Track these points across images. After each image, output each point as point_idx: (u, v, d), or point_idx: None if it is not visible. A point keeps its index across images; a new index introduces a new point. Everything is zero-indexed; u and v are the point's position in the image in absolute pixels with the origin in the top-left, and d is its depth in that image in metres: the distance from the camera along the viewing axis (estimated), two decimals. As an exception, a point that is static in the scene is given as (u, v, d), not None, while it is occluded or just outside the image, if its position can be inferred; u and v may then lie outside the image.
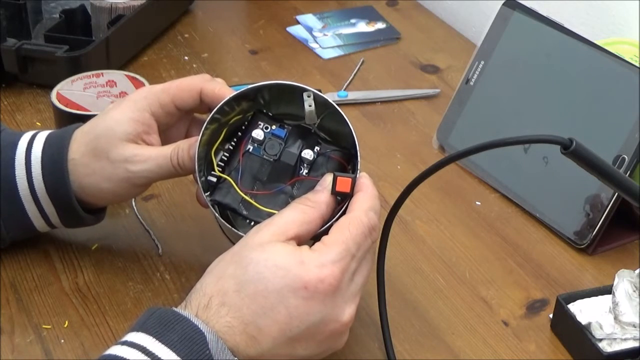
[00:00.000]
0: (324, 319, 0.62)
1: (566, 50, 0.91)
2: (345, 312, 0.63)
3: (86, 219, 0.78)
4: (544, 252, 0.85)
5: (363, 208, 0.65)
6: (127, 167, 0.74)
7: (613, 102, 0.87)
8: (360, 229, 0.64)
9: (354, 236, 0.64)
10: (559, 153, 0.62)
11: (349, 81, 1.12)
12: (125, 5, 1.13)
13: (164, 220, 0.87)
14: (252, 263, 0.62)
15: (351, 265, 0.63)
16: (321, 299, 0.61)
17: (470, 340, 0.75)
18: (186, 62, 1.15)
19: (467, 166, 0.95)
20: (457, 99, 0.99)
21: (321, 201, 0.66)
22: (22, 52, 1.05)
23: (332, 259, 0.62)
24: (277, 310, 0.61)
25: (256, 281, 0.61)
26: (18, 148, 0.77)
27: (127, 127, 0.75)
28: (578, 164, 0.63)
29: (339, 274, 0.62)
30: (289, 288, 0.61)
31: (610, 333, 0.71)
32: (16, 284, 0.79)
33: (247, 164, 0.72)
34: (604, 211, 0.83)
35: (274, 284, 0.61)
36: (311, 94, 0.71)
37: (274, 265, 0.61)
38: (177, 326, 0.59)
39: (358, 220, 0.65)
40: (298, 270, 0.61)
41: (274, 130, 0.72)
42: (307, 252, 0.63)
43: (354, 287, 0.64)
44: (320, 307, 0.62)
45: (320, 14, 1.27)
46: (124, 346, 0.59)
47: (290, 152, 0.72)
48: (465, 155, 0.67)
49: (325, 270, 0.62)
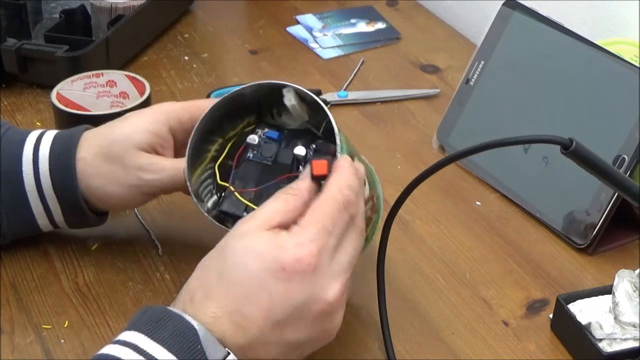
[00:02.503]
0: (307, 299, 0.61)
1: (566, 50, 0.91)
2: (329, 290, 0.62)
3: (90, 217, 0.79)
4: (544, 252, 0.85)
5: (336, 185, 0.65)
6: (140, 175, 0.76)
7: (613, 102, 0.87)
8: (334, 205, 0.64)
9: (328, 213, 0.63)
10: (559, 153, 0.62)
11: (349, 81, 1.12)
12: (125, 5, 1.13)
13: (164, 220, 0.87)
14: (232, 252, 0.62)
15: (329, 242, 0.62)
16: (301, 279, 0.61)
17: (470, 340, 0.75)
18: (186, 62, 1.15)
19: (467, 166, 0.95)
20: (457, 99, 0.99)
21: (302, 188, 0.65)
22: (22, 52, 1.05)
23: (309, 238, 0.61)
24: (259, 296, 0.60)
25: (236, 269, 0.61)
26: (26, 145, 0.78)
27: (145, 137, 0.76)
28: (578, 164, 0.63)
29: (317, 252, 0.61)
30: (268, 272, 0.60)
31: (610, 333, 0.72)
32: (16, 284, 0.79)
33: (247, 171, 0.72)
34: (604, 211, 0.83)
35: (253, 270, 0.61)
36: (290, 89, 0.71)
37: (252, 252, 0.61)
38: (168, 323, 0.59)
39: (330, 197, 0.64)
40: (275, 253, 0.61)
41: (267, 133, 0.72)
42: (284, 234, 0.62)
43: (337, 265, 0.63)
44: (302, 288, 0.61)
45: (320, 14, 1.27)
46: (116, 345, 0.59)
47: (286, 152, 0.72)
48: (465, 155, 0.67)
49: (302, 249, 0.61)
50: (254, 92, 0.72)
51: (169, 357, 0.58)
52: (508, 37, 0.96)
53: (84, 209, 0.77)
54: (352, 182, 0.66)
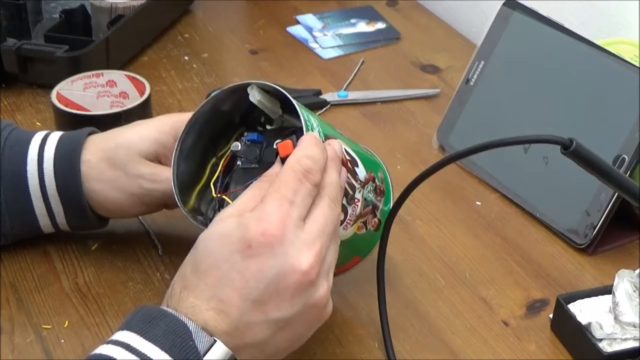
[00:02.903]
0: (279, 271, 0.60)
1: (566, 50, 0.91)
2: (302, 259, 0.61)
3: (92, 220, 0.79)
4: (544, 252, 0.85)
5: (295, 157, 0.64)
6: (141, 184, 0.76)
7: (613, 102, 0.87)
8: (291, 174, 0.63)
9: (285, 183, 0.62)
10: (559, 153, 0.62)
11: (349, 81, 1.12)
12: (125, 5, 1.13)
13: (164, 220, 0.87)
14: (201, 241, 0.63)
15: (292, 212, 0.62)
16: (269, 253, 0.60)
17: (470, 340, 0.75)
18: (186, 62, 1.15)
19: (467, 166, 0.95)
20: (457, 99, 0.99)
21: (273, 173, 0.65)
22: (22, 52, 1.05)
23: (269, 210, 0.61)
24: (232, 277, 0.60)
25: (206, 256, 0.62)
26: (31, 146, 0.78)
27: (150, 145, 0.77)
28: (578, 164, 0.63)
29: (279, 222, 0.61)
30: (236, 252, 0.60)
31: (610, 333, 0.72)
32: (16, 284, 0.79)
33: (239, 178, 0.72)
34: (604, 211, 0.83)
35: (221, 253, 0.61)
36: (253, 86, 0.71)
37: (218, 236, 0.62)
38: (160, 322, 0.60)
39: (288, 168, 0.63)
40: (239, 232, 0.61)
41: (247, 137, 0.72)
42: (247, 214, 0.62)
43: (307, 234, 0.62)
44: (272, 261, 0.60)
45: (320, 14, 1.27)
46: (109, 345, 0.59)
47: (269, 151, 0.71)
48: (465, 155, 0.67)
49: (264, 222, 0.61)
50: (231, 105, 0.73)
51: (162, 356, 0.58)
52: (508, 37, 0.96)
53: (86, 210, 0.78)
54: (312, 152, 0.64)
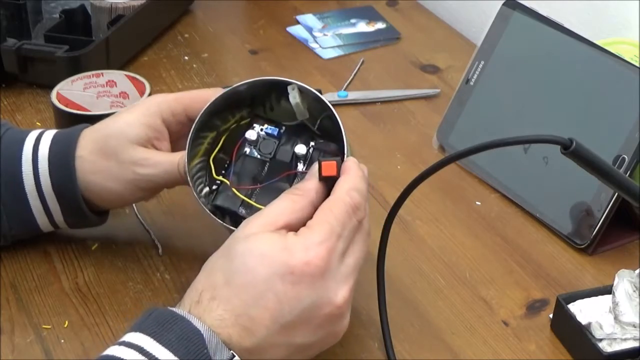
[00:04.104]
0: (315, 302, 0.61)
1: (566, 50, 0.91)
2: (338, 293, 0.62)
3: (90, 217, 0.79)
4: (544, 252, 0.85)
5: (345, 188, 0.65)
6: (135, 170, 0.75)
7: (613, 102, 0.87)
8: (343, 208, 0.63)
9: (336, 215, 0.63)
10: (559, 153, 0.62)
11: (349, 81, 1.12)
12: (125, 5, 1.13)
13: (164, 220, 0.87)
14: (239, 254, 0.62)
15: (338, 246, 0.62)
16: (310, 282, 0.61)
17: (470, 340, 0.75)
18: (186, 62, 1.15)
19: (467, 166, 0.95)
20: (457, 99, 0.99)
21: (309, 188, 0.65)
22: (22, 52, 1.05)
23: (317, 241, 0.61)
24: (267, 298, 0.60)
25: (243, 272, 0.61)
26: (25, 145, 0.78)
27: (139, 130, 0.76)
28: (578, 164, 0.63)
29: (326, 255, 0.61)
30: (276, 275, 0.60)
31: (610, 333, 0.72)
32: (16, 284, 0.79)
33: (244, 166, 0.72)
34: (604, 211, 0.83)
35: (260, 273, 0.61)
36: (295, 87, 0.71)
37: (260, 254, 0.61)
38: (174, 326, 0.59)
39: (340, 200, 0.64)
40: (283, 256, 0.61)
41: (266, 129, 0.72)
42: (292, 237, 0.62)
43: (345, 268, 0.63)
44: (310, 291, 0.61)
45: (320, 14, 1.27)
46: (121, 346, 0.59)
47: (285, 150, 0.72)
48: (465, 155, 0.67)
49: (311, 252, 0.61)
50: (250, 88, 0.72)
51: None
52: (508, 37, 0.96)
53: (83, 208, 0.77)
54: (360, 186, 0.66)
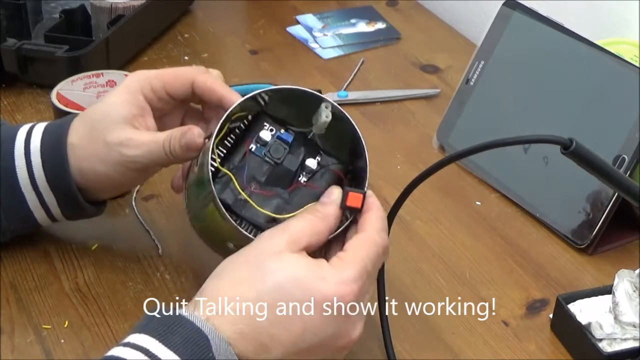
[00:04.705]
0: (336, 334, 0.63)
1: (566, 50, 0.91)
2: (357, 328, 0.64)
3: (86, 208, 0.78)
4: (544, 252, 0.85)
5: (376, 228, 0.66)
6: (121, 151, 0.74)
7: (613, 102, 0.87)
8: (375, 248, 0.65)
9: (370, 255, 0.65)
10: (559, 153, 0.62)
11: (349, 81, 1.12)
12: (125, 5, 1.13)
13: (164, 220, 0.87)
14: (271, 273, 0.62)
15: (366, 284, 0.64)
16: (337, 315, 0.62)
17: (470, 340, 0.75)
18: (186, 62, 1.15)
19: (467, 166, 0.95)
20: (457, 99, 0.99)
21: (330, 214, 0.67)
22: (22, 52, 1.05)
23: (352, 277, 0.63)
24: (293, 322, 0.61)
25: (275, 291, 0.62)
26: (17, 139, 0.77)
27: (122, 109, 0.75)
28: (578, 164, 0.63)
29: (358, 293, 0.63)
30: (309, 301, 0.62)
31: (610, 333, 0.72)
32: (16, 284, 0.79)
33: (246, 163, 0.72)
34: (604, 211, 0.83)
35: (293, 296, 0.62)
36: (329, 106, 0.71)
37: (295, 278, 0.62)
38: (180, 329, 0.59)
39: (373, 240, 0.66)
40: (319, 285, 0.62)
41: (281, 134, 0.72)
42: (328, 267, 0.63)
43: (365, 305, 0.65)
44: (335, 323, 0.62)
45: (320, 14, 1.27)
46: (126, 347, 0.59)
47: (293, 158, 0.72)
48: (465, 155, 0.67)
49: (347, 288, 0.62)
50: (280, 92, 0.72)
51: None
52: (508, 37, 0.96)
53: (78, 198, 0.77)
54: (386, 225, 0.68)
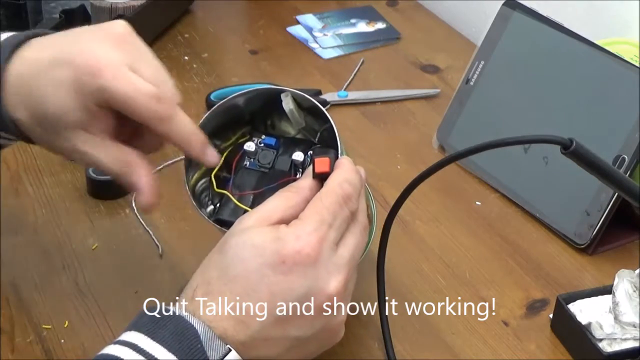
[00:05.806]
0: (307, 292, 0.61)
1: (566, 50, 0.91)
2: (330, 283, 0.62)
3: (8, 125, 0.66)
4: (544, 252, 0.85)
5: (337, 180, 0.65)
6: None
7: (613, 102, 0.87)
8: (333, 198, 0.64)
9: (327, 206, 0.63)
10: (559, 153, 0.62)
11: (349, 81, 1.12)
12: (125, 5, 1.13)
13: (164, 220, 0.87)
14: (232, 247, 0.62)
15: (329, 235, 0.62)
16: (301, 272, 0.61)
17: (470, 340, 0.75)
18: (186, 62, 1.15)
19: (467, 166, 0.95)
20: (457, 99, 0.99)
21: (303, 186, 0.66)
22: (22, 52, 1.05)
23: (308, 230, 0.62)
24: (260, 289, 0.60)
25: (235, 264, 0.61)
26: None
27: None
28: (578, 164, 0.63)
29: (316, 244, 0.61)
30: (268, 265, 0.61)
31: (610, 333, 0.72)
32: (16, 284, 0.79)
33: (245, 178, 0.72)
34: (604, 211, 0.83)
35: (252, 264, 0.61)
36: (288, 94, 0.71)
37: (251, 246, 0.61)
38: (168, 323, 0.59)
39: (330, 191, 0.64)
40: (275, 246, 0.61)
41: (264, 140, 0.72)
42: (283, 228, 0.62)
43: (338, 259, 0.63)
44: (302, 280, 0.61)
45: (320, 14, 1.27)
46: (116, 345, 0.59)
47: (283, 159, 0.72)
48: (465, 155, 0.67)
49: (301, 241, 0.61)
50: (247, 102, 0.72)
51: (169, 357, 0.58)
52: (508, 37, 0.96)
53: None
54: (353, 178, 0.66)
